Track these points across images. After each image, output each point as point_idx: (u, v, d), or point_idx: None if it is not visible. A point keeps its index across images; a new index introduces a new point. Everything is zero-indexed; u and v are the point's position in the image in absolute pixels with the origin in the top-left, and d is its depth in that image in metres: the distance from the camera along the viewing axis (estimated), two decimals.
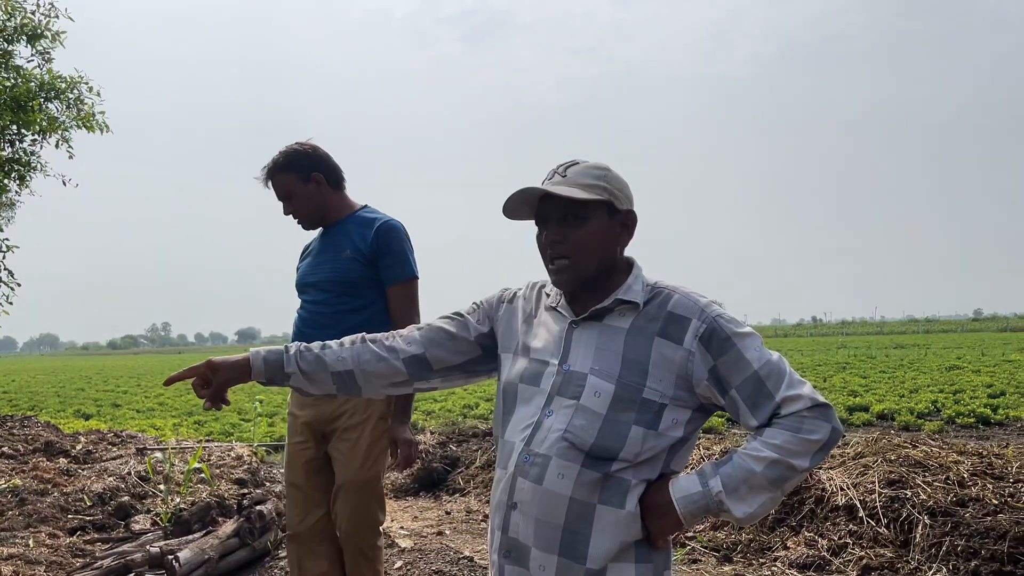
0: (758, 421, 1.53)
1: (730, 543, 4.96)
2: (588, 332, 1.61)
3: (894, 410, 11.81)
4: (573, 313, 1.66)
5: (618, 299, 1.60)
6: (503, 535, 1.59)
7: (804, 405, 1.49)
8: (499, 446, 1.68)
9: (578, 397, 1.55)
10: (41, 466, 6.59)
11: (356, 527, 2.97)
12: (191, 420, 13.90)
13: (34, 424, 8.88)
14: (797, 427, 1.48)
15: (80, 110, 9.16)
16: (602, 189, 1.60)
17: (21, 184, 9.41)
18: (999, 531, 4.19)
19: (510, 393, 1.68)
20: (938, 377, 17.29)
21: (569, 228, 1.60)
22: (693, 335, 1.54)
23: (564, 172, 1.61)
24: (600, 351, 1.58)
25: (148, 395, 21.11)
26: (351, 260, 2.99)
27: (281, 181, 3.02)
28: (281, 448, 10.43)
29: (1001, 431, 10.28)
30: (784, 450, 1.48)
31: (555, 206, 1.61)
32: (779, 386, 1.51)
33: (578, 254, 1.60)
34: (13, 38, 8.73)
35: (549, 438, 1.54)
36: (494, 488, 1.67)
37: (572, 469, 1.52)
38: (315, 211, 3.07)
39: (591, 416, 1.52)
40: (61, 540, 4.96)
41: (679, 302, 1.58)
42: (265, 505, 4.77)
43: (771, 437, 1.50)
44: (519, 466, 1.57)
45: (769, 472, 1.49)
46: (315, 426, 3.02)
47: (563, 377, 1.58)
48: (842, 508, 4.83)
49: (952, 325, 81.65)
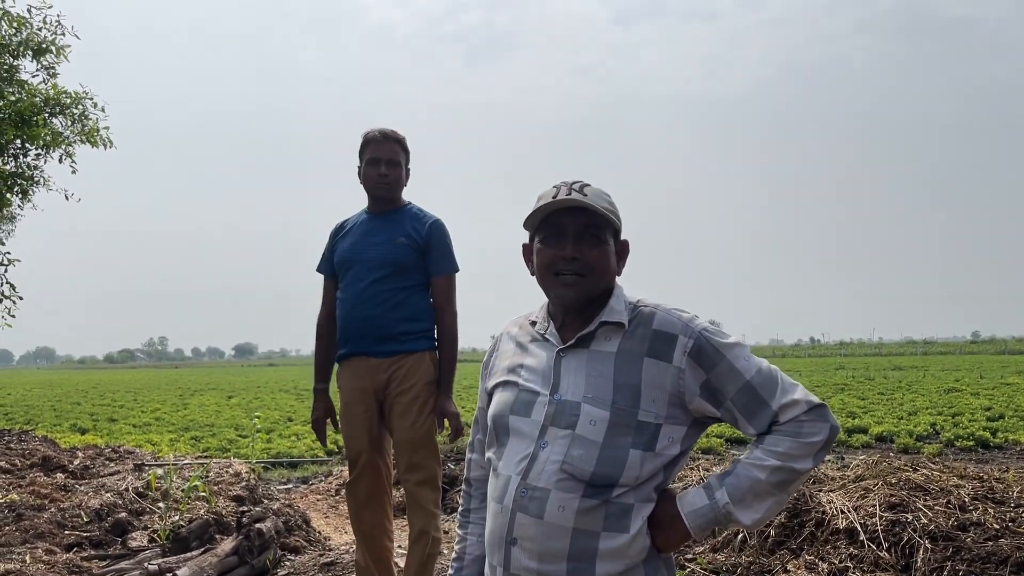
0: (757, 430, 1.55)
1: (730, 565, 4.93)
2: (576, 360, 1.60)
3: (893, 432, 11.79)
4: (561, 340, 1.64)
5: (602, 321, 1.61)
6: (505, 572, 1.56)
7: (801, 410, 1.52)
8: (491, 479, 1.66)
9: (573, 427, 1.53)
10: (38, 481, 6.57)
11: (413, 479, 3.34)
12: (188, 435, 13.84)
13: (31, 439, 8.84)
14: (797, 432, 1.51)
15: (84, 125, 9.20)
16: (615, 215, 1.64)
17: (24, 198, 9.42)
18: (1000, 556, 4.18)
19: (500, 424, 1.65)
20: (936, 399, 17.27)
21: (586, 246, 1.60)
22: (682, 351, 1.54)
23: (581, 190, 1.60)
24: (591, 378, 1.56)
25: (145, 410, 21.02)
26: (404, 246, 3.38)
27: (396, 149, 3.44)
28: (280, 465, 10.40)
29: (1000, 454, 10.26)
30: (787, 456, 1.50)
31: (576, 221, 1.60)
32: (773, 394, 1.53)
33: (592, 272, 1.60)
34: (19, 52, 8.77)
35: (547, 470, 1.52)
36: (488, 523, 1.63)
37: (572, 500, 1.50)
38: (397, 188, 3.48)
39: (588, 445, 1.51)
40: (58, 556, 4.93)
41: (663, 319, 1.59)
42: (264, 523, 4.75)
43: (773, 444, 1.52)
44: (517, 501, 1.53)
45: (774, 478, 1.51)
46: (373, 393, 3.39)
47: (556, 407, 1.56)
48: (843, 531, 4.81)
49: (950, 347, 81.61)
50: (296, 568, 4.58)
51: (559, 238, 1.61)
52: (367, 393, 3.39)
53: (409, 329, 3.36)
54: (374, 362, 3.36)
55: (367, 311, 3.35)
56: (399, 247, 3.37)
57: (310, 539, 5.53)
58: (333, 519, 6.99)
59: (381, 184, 3.41)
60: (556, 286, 1.62)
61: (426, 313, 3.43)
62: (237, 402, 23.40)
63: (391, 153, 3.40)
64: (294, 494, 7.93)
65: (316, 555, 4.86)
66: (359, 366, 3.40)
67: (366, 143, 3.43)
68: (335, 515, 7.16)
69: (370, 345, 3.36)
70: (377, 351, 3.35)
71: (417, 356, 3.36)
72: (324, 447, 3.38)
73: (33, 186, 9.39)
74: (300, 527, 5.65)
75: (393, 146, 3.41)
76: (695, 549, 5.17)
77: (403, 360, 3.34)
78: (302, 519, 5.84)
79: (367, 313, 3.34)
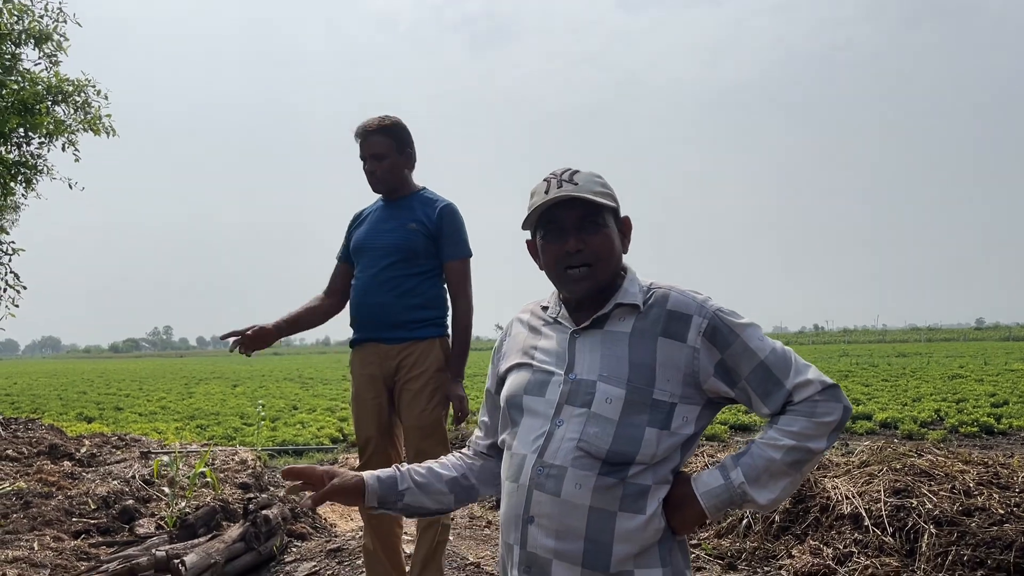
0: (770, 409, 1.56)
1: (735, 551, 4.95)
2: (591, 340, 1.61)
3: (897, 419, 11.79)
4: (574, 322, 1.65)
5: (617, 303, 1.61)
6: (522, 550, 1.56)
7: (815, 389, 1.53)
8: (504, 458, 1.66)
9: (589, 405, 1.53)
10: (45, 469, 6.60)
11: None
12: (193, 424, 13.90)
13: (38, 427, 8.89)
14: (811, 411, 1.52)
15: (87, 113, 9.20)
16: (610, 196, 1.64)
17: (27, 187, 9.43)
18: (1005, 541, 4.19)
19: (514, 405, 1.65)
20: (941, 386, 17.26)
21: (588, 235, 1.60)
22: (696, 331, 1.55)
23: (571, 179, 1.60)
24: (606, 357, 1.57)
25: (150, 398, 21.10)
26: (415, 232, 3.35)
27: (380, 141, 3.35)
28: (285, 453, 10.43)
29: (1005, 440, 10.26)
30: (802, 436, 1.51)
31: (572, 213, 1.60)
32: (787, 373, 1.54)
33: (599, 260, 1.60)
34: (21, 41, 8.76)
35: (563, 448, 1.53)
36: (504, 502, 1.63)
37: (589, 478, 1.50)
38: (395, 180, 3.41)
39: (604, 423, 1.52)
40: (66, 543, 4.96)
41: (677, 300, 1.59)
42: (271, 510, 4.77)
43: (788, 424, 1.53)
44: (534, 479, 1.54)
45: (788, 458, 1.52)
46: (382, 380, 3.38)
47: (571, 386, 1.57)
48: (847, 517, 4.82)
49: (954, 334, 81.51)
50: (303, 554, 4.61)
51: (560, 233, 1.61)
52: (376, 380, 3.39)
53: (419, 316, 3.36)
54: (384, 349, 3.36)
55: (377, 298, 3.34)
56: (410, 233, 3.35)
57: (316, 526, 5.56)
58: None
59: (371, 181, 3.42)
60: (567, 282, 1.63)
61: (437, 300, 3.42)
62: (242, 391, 23.47)
63: (373, 148, 3.35)
64: None
65: (322, 541, 4.89)
66: (369, 352, 3.40)
67: (356, 140, 3.43)
68: None
69: (380, 332, 3.35)
70: (387, 338, 3.34)
71: (427, 343, 3.35)
72: (223, 339, 3.24)
73: (37, 175, 9.40)
74: (306, 514, 5.67)
75: (373, 139, 3.35)
76: (699, 535, 5.19)
77: (413, 347, 3.33)
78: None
79: (377, 300, 3.34)
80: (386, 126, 3.36)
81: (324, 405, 16.89)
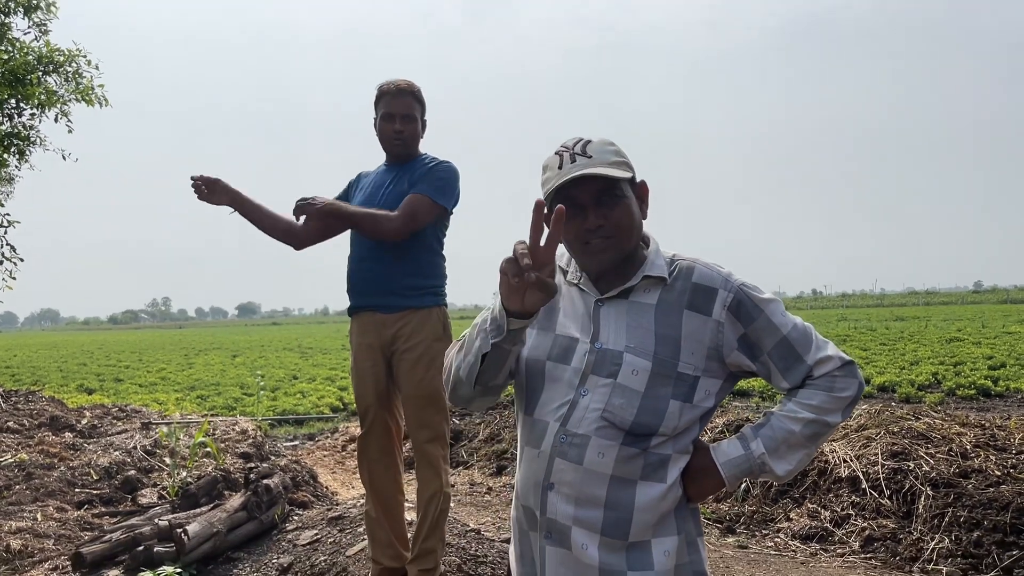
0: (791, 383, 1.60)
1: (733, 515, 5.00)
2: (616, 309, 1.59)
3: (895, 382, 11.85)
4: (598, 291, 1.62)
5: (645, 275, 1.60)
6: (541, 516, 1.57)
7: (835, 365, 1.57)
8: (524, 423, 1.65)
9: (615, 376, 1.53)
10: (47, 440, 6.63)
11: (423, 437, 3.33)
12: (194, 394, 13.95)
13: (39, 399, 8.91)
14: (830, 386, 1.56)
15: (79, 83, 9.10)
16: (625, 165, 1.59)
17: (21, 159, 9.36)
18: (1001, 502, 4.22)
19: (536, 370, 1.63)
20: (938, 349, 17.32)
21: (607, 209, 1.56)
22: (721, 305, 1.56)
23: (584, 151, 1.56)
24: (632, 328, 1.56)
25: (150, 370, 21.16)
26: None
27: (411, 103, 3.34)
28: (285, 422, 10.48)
29: (1002, 403, 10.32)
30: (820, 409, 1.56)
31: (589, 189, 1.55)
32: (808, 349, 1.58)
33: (620, 233, 1.57)
34: (9, 9, 8.64)
35: (587, 418, 1.53)
36: (524, 467, 1.62)
37: (612, 448, 1.52)
38: (412, 144, 3.39)
39: (630, 394, 1.52)
40: (69, 514, 5.00)
41: (703, 274, 1.59)
42: (272, 479, 4.79)
43: (807, 398, 1.57)
44: (556, 446, 1.54)
45: (807, 430, 1.56)
46: (379, 349, 3.35)
47: (596, 355, 1.56)
48: (845, 480, 4.86)
49: (952, 297, 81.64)
50: (304, 522, 4.64)
51: (579, 209, 1.56)
52: (373, 349, 3.36)
53: (416, 284, 3.31)
54: (380, 317, 3.33)
55: (374, 264, 3.29)
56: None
57: (317, 494, 5.59)
58: (340, 474, 7.07)
59: (396, 140, 3.34)
60: (588, 256, 1.59)
61: (435, 269, 3.38)
62: (242, 361, 23.54)
63: (406, 108, 3.31)
64: (300, 451, 8.01)
65: (324, 509, 4.92)
66: (366, 321, 3.38)
67: (380, 96, 3.34)
68: (342, 470, 7.24)
69: (377, 299, 3.31)
70: (383, 306, 3.31)
71: (424, 312, 3.32)
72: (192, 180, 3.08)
73: (30, 146, 9.32)
74: (307, 483, 5.71)
75: (407, 100, 3.31)
76: None
77: (410, 316, 3.29)
78: (309, 475, 5.90)
79: (373, 267, 3.30)
80: (416, 90, 3.35)
81: (324, 374, 16.95)
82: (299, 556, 4.03)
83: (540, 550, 1.59)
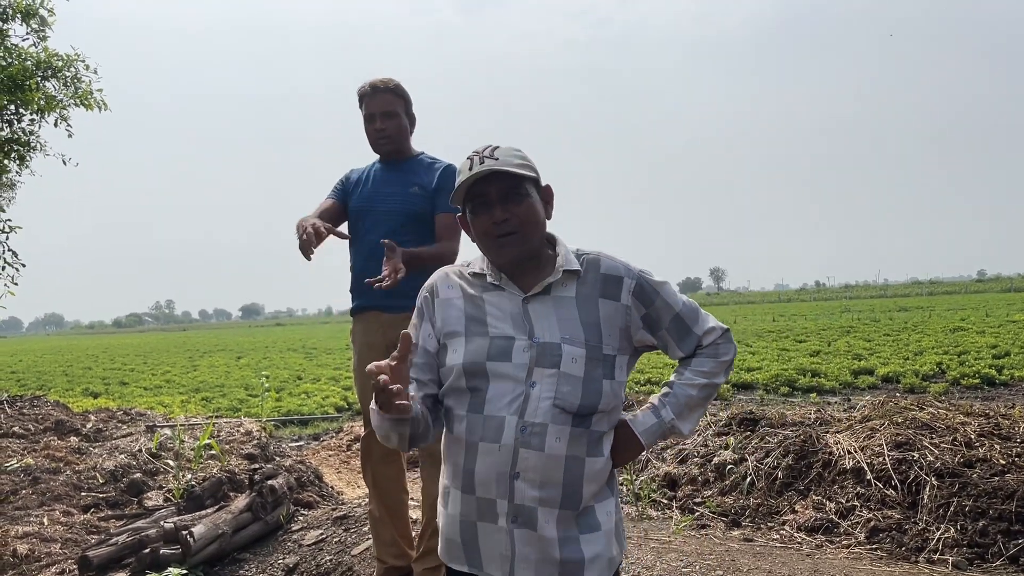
0: (684, 352, 1.88)
1: (738, 508, 4.99)
2: (543, 305, 1.77)
3: (899, 373, 11.85)
4: (521, 290, 1.79)
5: (565, 270, 1.78)
6: (509, 504, 1.69)
7: (717, 335, 1.87)
8: (470, 423, 1.73)
9: (557, 365, 1.71)
10: (52, 445, 6.64)
11: None
12: (199, 397, 13.98)
13: (44, 404, 8.93)
14: (715, 353, 1.87)
15: (78, 88, 9.10)
16: (530, 167, 1.79)
17: (21, 164, 9.37)
18: (1007, 491, 4.21)
19: (476, 372, 1.74)
20: (942, 339, 17.31)
21: (513, 204, 1.75)
22: (627, 291, 1.79)
23: (492, 155, 1.74)
24: (562, 320, 1.75)
25: (155, 372, 21.20)
26: (417, 196, 3.33)
27: (391, 100, 3.33)
28: (290, 423, 10.50)
29: (1006, 391, 10.31)
30: (711, 374, 1.86)
31: (496, 186, 1.74)
32: (696, 322, 1.86)
33: (525, 227, 1.76)
34: (7, 16, 8.64)
35: (541, 407, 1.69)
36: (480, 462, 1.71)
37: (564, 431, 1.70)
38: (400, 140, 3.39)
39: (573, 381, 1.70)
40: (75, 517, 5.01)
41: (608, 264, 1.82)
42: (276, 479, 4.80)
43: (699, 366, 1.86)
44: (519, 438, 1.68)
45: (702, 393, 1.86)
46: (384, 349, 3.32)
47: (537, 349, 1.72)
48: (850, 471, 4.85)
49: (956, 287, 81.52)
50: (310, 522, 4.65)
51: (486, 205, 1.76)
52: (377, 348, 3.34)
53: (420, 284, 3.30)
54: (385, 317, 3.32)
55: (378, 265, 3.27)
56: (413, 197, 3.32)
57: (323, 494, 5.60)
58: (345, 474, 7.08)
59: (381, 139, 3.34)
60: (497, 249, 1.77)
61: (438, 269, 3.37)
62: (246, 362, 23.58)
63: (384, 105, 3.30)
64: (305, 451, 8.02)
65: (329, 509, 4.93)
66: (371, 321, 3.37)
67: (359, 99, 3.35)
68: (347, 470, 7.25)
69: (381, 299, 3.30)
70: (388, 306, 3.29)
71: None
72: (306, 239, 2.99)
73: (30, 152, 9.32)
74: (312, 483, 5.72)
75: (386, 97, 3.31)
76: (703, 493, 5.23)
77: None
78: (314, 475, 5.91)
79: (378, 267, 3.28)
80: (396, 85, 3.35)
81: (328, 375, 16.98)
82: (305, 556, 4.04)
83: (508, 534, 1.70)
